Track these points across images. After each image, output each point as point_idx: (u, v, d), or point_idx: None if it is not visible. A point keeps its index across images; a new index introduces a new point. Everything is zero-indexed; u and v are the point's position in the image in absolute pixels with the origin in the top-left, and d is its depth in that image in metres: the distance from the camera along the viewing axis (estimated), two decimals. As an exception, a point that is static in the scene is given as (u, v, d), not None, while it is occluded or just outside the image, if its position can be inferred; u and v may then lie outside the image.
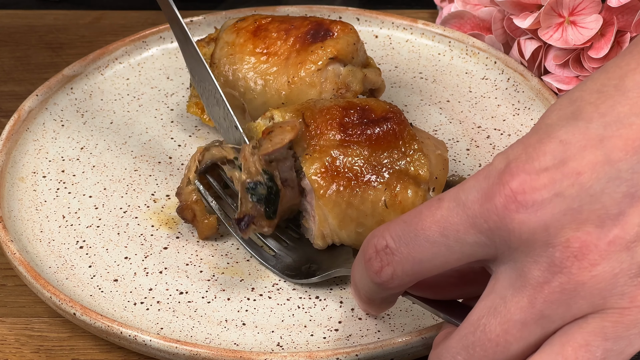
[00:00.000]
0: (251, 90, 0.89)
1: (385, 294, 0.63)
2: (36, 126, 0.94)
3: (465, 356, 0.57)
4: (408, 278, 0.60)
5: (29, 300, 0.82)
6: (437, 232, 0.57)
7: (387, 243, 0.60)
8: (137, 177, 0.90)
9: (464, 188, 0.58)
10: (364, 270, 0.62)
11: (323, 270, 0.78)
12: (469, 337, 0.57)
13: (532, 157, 0.56)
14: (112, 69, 1.02)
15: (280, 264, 0.80)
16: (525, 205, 0.55)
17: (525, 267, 0.56)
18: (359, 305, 0.67)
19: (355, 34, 0.90)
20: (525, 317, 0.55)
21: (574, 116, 0.56)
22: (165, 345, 0.71)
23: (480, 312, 0.57)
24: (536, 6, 0.97)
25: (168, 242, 0.84)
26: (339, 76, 0.88)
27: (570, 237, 0.54)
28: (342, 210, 0.77)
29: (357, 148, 0.78)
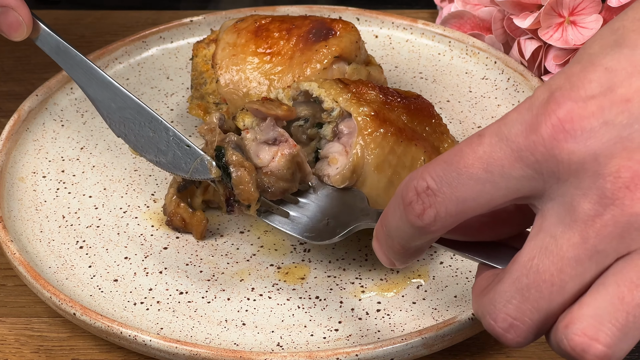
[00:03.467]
0: (255, 91, 0.89)
1: (424, 240, 0.60)
2: (36, 126, 0.94)
3: (520, 299, 0.55)
4: (451, 219, 0.57)
5: (29, 300, 0.81)
6: (480, 168, 0.55)
7: (429, 184, 0.57)
8: (137, 177, 0.90)
9: (505, 122, 0.55)
10: (403, 215, 0.58)
11: (342, 226, 0.75)
12: (522, 280, 0.55)
13: (577, 86, 0.54)
14: (112, 69, 1.02)
15: (298, 225, 0.77)
16: (573, 135, 0.53)
17: (575, 200, 0.54)
18: (383, 259, 0.63)
19: (356, 32, 0.90)
20: (578, 253, 0.54)
21: (617, 44, 0.55)
22: (165, 345, 0.71)
23: (531, 253, 0.55)
24: (536, 6, 0.97)
25: (168, 242, 0.84)
26: (344, 74, 0.88)
27: (621, 167, 0.53)
28: (384, 154, 0.77)
29: (398, 111, 0.79)
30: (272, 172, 0.76)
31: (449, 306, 0.77)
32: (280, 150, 0.77)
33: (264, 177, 0.76)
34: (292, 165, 0.77)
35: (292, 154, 0.76)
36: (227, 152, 0.76)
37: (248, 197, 0.76)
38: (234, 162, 0.75)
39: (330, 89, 0.80)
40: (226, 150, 0.76)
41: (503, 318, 0.56)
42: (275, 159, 0.76)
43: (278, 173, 0.76)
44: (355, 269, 0.81)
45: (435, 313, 0.77)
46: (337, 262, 0.82)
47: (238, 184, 0.75)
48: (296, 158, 0.77)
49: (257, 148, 0.77)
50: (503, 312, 0.56)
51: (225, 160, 0.76)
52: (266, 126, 0.77)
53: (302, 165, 0.77)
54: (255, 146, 0.77)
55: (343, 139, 0.79)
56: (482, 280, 0.60)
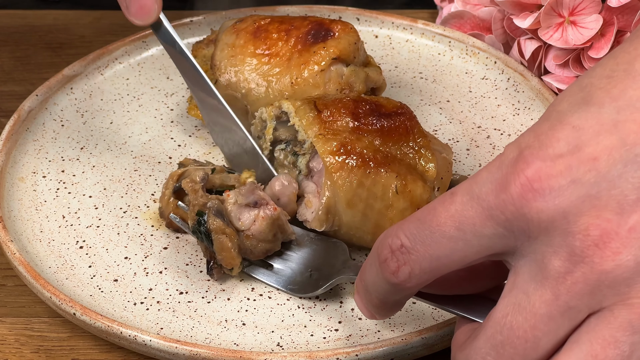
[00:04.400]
0: (254, 92, 0.89)
1: (399, 295, 0.62)
2: (36, 126, 0.94)
3: (495, 356, 0.56)
4: (426, 276, 0.58)
5: (29, 300, 0.81)
6: (452, 227, 0.56)
7: (402, 242, 0.58)
8: (137, 177, 0.90)
9: (476, 180, 0.56)
10: (379, 272, 0.60)
11: (325, 278, 0.77)
12: (497, 337, 0.56)
13: (545, 144, 0.55)
14: (112, 69, 1.02)
15: (282, 278, 0.79)
16: (542, 193, 0.54)
17: (546, 258, 0.54)
18: (364, 312, 0.65)
19: (355, 34, 0.90)
20: (551, 310, 0.54)
21: (585, 102, 0.55)
22: (165, 345, 0.71)
23: (505, 310, 0.56)
24: (536, 6, 0.97)
25: (168, 242, 0.84)
26: (342, 76, 0.88)
27: (590, 225, 0.53)
28: (353, 189, 0.77)
29: (369, 136, 0.79)
30: (253, 235, 0.78)
31: (448, 306, 0.77)
32: (261, 213, 0.78)
33: (245, 240, 0.78)
34: (273, 228, 0.78)
35: (272, 216, 0.78)
36: (208, 219, 0.77)
37: (230, 262, 0.77)
38: (215, 229, 0.77)
39: (303, 117, 0.80)
40: (208, 216, 0.77)
41: None
42: (256, 222, 0.77)
43: (259, 236, 0.78)
44: (355, 269, 0.81)
45: (435, 313, 0.76)
46: (337, 262, 0.82)
47: (220, 250, 0.77)
48: (277, 221, 0.78)
49: (239, 211, 0.78)
50: None
51: (207, 227, 0.77)
52: (247, 190, 0.78)
53: (283, 227, 0.79)
54: (237, 209, 0.78)
55: (315, 178, 0.80)
56: (461, 335, 0.61)
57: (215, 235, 0.77)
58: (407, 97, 0.99)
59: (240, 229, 0.78)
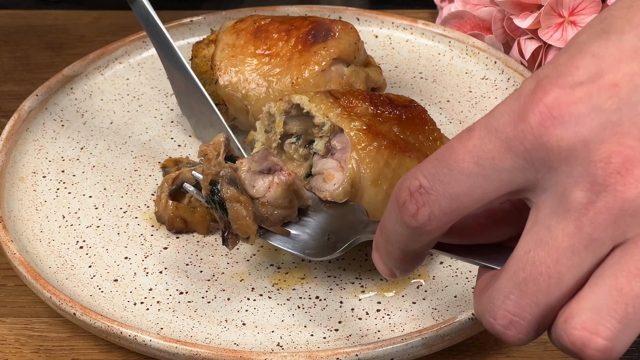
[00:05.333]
0: (254, 92, 0.89)
1: (421, 242, 0.58)
2: (36, 126, 0.94)
3: (518, 294, 0.54)
4: (446, 217, 0.56)
5: (29, 300, 0.82)
6: (471, 162, 0.54)
7: (421, 183, 0.56)
8: (137, 177, 0.90)
9: (494, 114, 0.55)
10: (398, 216, 0.57)
11: (342, 240, 0.74)
12: (519, 274, 0.54)
13: (564, 73, 0.53)
14: (112, 69, 1.02)
15: (299, 243, 0.77)
16: (561, 121, 0.52)
17: (567, 189, 0.53)
18: (383, 270, 0.62)
19: (355, 33, 0.90)
20: (574, 243, 0.53)
21: (604, 31, 0.54)
22: (165, 345, 0.71)
23: (527, 246, 0.54)
24: (536, 6, 0.97)
25: (168, 242, 0.84)
26: (343, 76, 0.88)
27: (612, 152, 0.52)
28: (379, 167, 0.76)
29: (388, 123, 0.79)
30: (269, 202, 0.76)
31: (449, 306, 0.77)
32: (275, 179, 0.76)
33: (261, 208, 0.76)
34: (288, 194, 0.76)
35: (287, 182, 0.76)
36: (222, 188, 0.75)
37: (246, 231, 0.75)
38: (229, 197, 0.75)
39: (320, 104, 0.79)
40: (221, 185, 0.75)
41: (502, 315, 0.55)
42: (271, 189, 0.76)
43: (275, 202, 0.76)
44: (355, 269, 0.81)
45: (435, 313, 0.77)
46: (337, 262, 0.82)
47: (235, 219, 0.75)
48: (292, 186, 0.76)
49: (252, 179, 0.76)
50: (502, 309, 0.55)
51: (221, 196, 0.75)
52: (260, 156, 0.76)
53: (299, 192, 0.77)
54: (250, 177, 0.76)
55: (337, 155, 0.79)
56: (482, 282, 0.59)
57: (230, 204, 0.75)
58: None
59: (255, 196, 0.75)
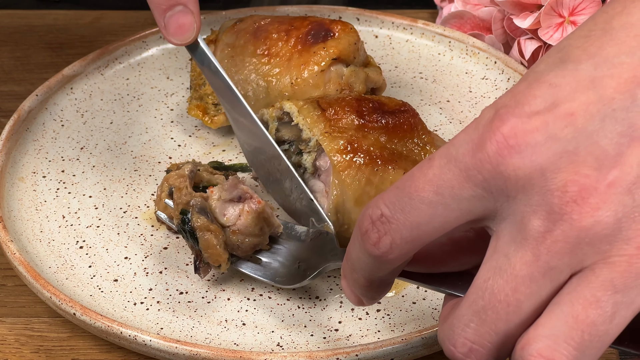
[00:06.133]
0: (254, 92, 0.89)
1: (385, 270, 0.59)
2: (36, 126, 0.94)
3: (477, 322, 0.54)
4: (408, 246, 0.57)
5: (29, 300, 0.81)
6: (431, 191, 0.55)
7: (382, 211, 0.56)
8: (137, 177, 0.90)
9: (453, 143, 0.55)
10: (361, 245, 0.58)
11: (312, 268, 0.76)
12: (479, 302, 0.54)
13: (521, 102, 0.54)
14: (112, 69, 1.02)
15: (269, 271, 0.78)
16: (518, 150, 0.53)
17: (525, 218, 0.53)
18: (351, 298, 0.63)
19: (355, 34, 0.90)
20: (531, 271, 0.53)
21: (562, 60, 0.55)
22: (165, 345, 0.71)
23: (486, 274, 0.55)
24: (536, 6, 0.97)
25: (168, 242, 0.84)
26: (342, 77, 0.88)
27: (568, 181, 0.52)
28: (361, 187, 0.77)
29: (374, 133, 0.79)
30: (239, 230, 0.77)
31: (448, 306, 0.77)
32: (246, 207, 0.77)
33: (232, 236, 0.77)
34: (259, 222, 0.77)
35: (257, 210, 0.77)
36: (192, 217, 0.76)
37: (217, 259, 0.76)
38: (200, 227, 0.76)
39: (307, 116, 0.80)
40: (191, 214, 0.76)
41: (462, 343, 0.55)
42: (241, 217, 0.77)
43: (246, 230, 0.77)
44: (355, 269, 0.81)
45: (435, 313, 0.77)
46: (337, 262, 0.82)
47: (206, 248, 0.76)
48: (262, 214, 0.77)
49: (223, 207, 0.77)
50: (462, 337, 0.55)
51: (191, 225, 0.76)
52: (230, 185, 0.77)
53: (269, 220, 0.78)
54: (221, 205, 0.77)
55: (322, 177, 0.80)
56: (446, 309, 0.60)
57: (200, 233, 0.76)
58: (407, 97, 0.99)
59: (225, 224, 0.77)
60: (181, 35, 0.81)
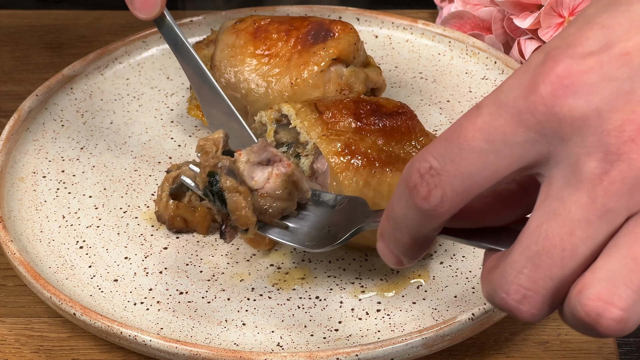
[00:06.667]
0: (253, 92, 0.89)
1: (432, 225, 0.57)
2: (36, 126, 0.94)
3: (531, 268, 0.53)
4: (458, 197, 0.55)
5: (29, 300, 0.82)
6: (482, 139, 0.54)
7: (431, 164, 0.55)
8: (137, 177, 0.90)
9: (502, 89, 0.54)
10: (409, 201, 0.56)
11: (344, 231, 0.72)
12: (532, 248, 0.53)
13: (573, 44, 0.53)
14: (112, 69, 1.02)
15: (298, 236, 0.75)
16: (573, 90, 0.52)
17: (580, 160, 0.52)
18: (390, 259, 0.61)
19: (355, 34, 0.90)
20: (587, 214, 0.52)
21: (612, 3, 0.54)
22: (165, 345, 0.71)
23: (539, 220, 0.53)
24: (536, 6, 0.97)
25: (168, 242, 0.84)
26: (342, 77, 0.88)
27: (625, 121, 0.51)
28: (359, 189, 0.77)
29: (372, 136, 0.79)
30: (268, 193, 0.74)
31: (449, 306, 0.77)
32: (274, 170, 0.75)
33: (260, 200, 0.74)
34: (288, 185, 0.74)
35: (287, 173, 0.74)
36: (220, 178, 0.74)
37: (246, 222, 0.74)
38: (229, 188, 0.73)
39: (305, 120, 0.80)
40: (220, 175, 0.74)
41: (515, 289, 0.54)
42: (270, 180, 0.74)
43: (274, 194, 0.74)
44: (355, 269, 0.81)
45: (435, 313, 0.77)
46: (337, 262, 0.82)
47: (234, 210, 0.73)
48: (292, 177, 0.74)
49: (251, 170, 0.75)
50: (515, 284, 0.54)
51: (220, 187, 0.74)
52: (258, 147, 0.75)
53: (298, 184, 0.75)
54: (249, 168, 0.75)
55: (320, 179, 0.80)
56: (490, 263, 0.58)
57: (229, 195, 0.73)
58: (407, 97, 0.99)
59: (254, 188, 0.74)
60: (146, 9, 0.83)
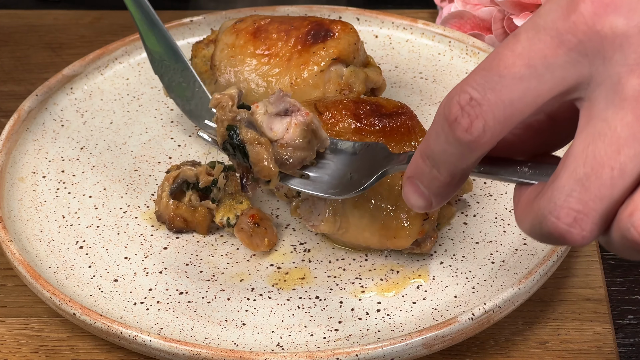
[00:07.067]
0: (253, 92, 0.89)
1: (472, 159, 0.57)
2: (36, 126, 0.94)
3: (580, 190, 0.52)
4: (500, 126, 0.55)
5: (29, 300, 0.82)
6: (522, 65, 0.54)
7: (471, 95, 0.55)
8: (137, 177, 0.90)
9: (539, 14, 0.54)
10: (449, 134, 0.56)
11: (368, 176, 0.72)
12: (580, 170, 0.52)
13: None
14: (112, 69, 1.02)
15: (320, 185, 0.74)
16: (614, 7, 0.52)
17: (623, 78, 0.52)
18: (418, 202, 0.61)
19: (355, 34, 0.90)
20: (634, 132, 0.51)
21: None
22: (165, 345, 0.71)
23: (584, 142, 0.53)
24: (536, 6, 0.97)
25: (168, 242, 0.84)
26: (342, 77, 0.88)
27: None
28: None
29: (371, 136, 0.79)
30: (287, 143, 0.74)
31: (449, 306, 0.77)
32: (293, 120, 0.74)
33: (280, 150, 0.74)
34: (307, 134, 0.74)
35: (305, 121, 0.74)
36: (240, 131, 0.74)
37: (268, 173, 0.74)
38: (250, 140, 0.73)
39: None
40: (239, 128, 0.74)
41: (566, 213, 0.53)
42: (289, 130, 0.74)
43: (294, 144, 0.74)
44: (355, 269, 0.81)
45: (435, 313, 0.77)
46: (337, 262, 0.82)
47: (257, 161, 0.73)
48: (311, 126, 0.74)
49: (269, 121, 0.74)
50: (565, 207, 0.53)
51: (240, 139, 0.74)
52: (275, 98, 0.74)
53: (317, 132, 0.74)
54: (267, 119, 0.74)
55: None
56: (527, 196, 0.58)
57: (250, 146, 0.73)
58: (407, 97, 0.99)
59: (273, 139, 0.74)
60: None
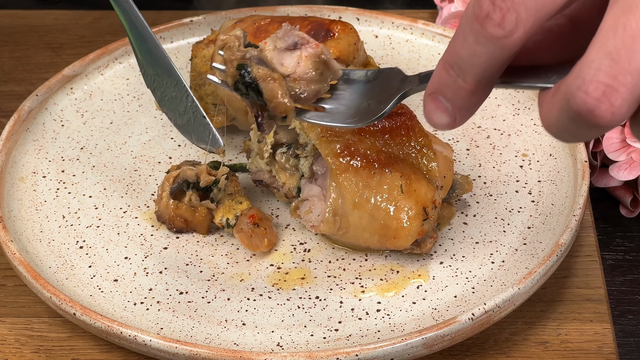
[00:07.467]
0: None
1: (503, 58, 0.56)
2: (36, 126, 0.94)
3: (609, 64, 0.51)
4: (532, 19, 0.54)
5: (29, 300, 0.82)
6: None
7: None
8: (137, 177, 0.90)
9: None
10: (479, 33, 0.55)
11: (386, 101, 0.70)
12: (610, 43, 0.52)
13: None
14: (112, 69, 1.02)
15: (337, 116, 0.72)
16: None
17: None
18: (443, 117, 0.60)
19: (355, 34, 0.90)
20: None
21: None
22: (165, 345, 0.71)
23: (614, 17, 0.52)
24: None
25: (168, 242, 0.84)
26: (341, 77, 0.88)
27: None
28: (359, 189, 0.77)
29: (371, 137, 0.79)
30: (300, 77, 0.72)
31: (449, 306, 0.77)
32: (303, 52, 0.72)
33: (293, 84, 0.72)
34: (319, 65, 0.72)
35: (316, 53, 0.72)
36: (252, 68, 0.72)
37: (285, 109, 0.72)
38: (262, 76, 0.72)
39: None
40: (250, 66, 0.72)
41: (595, 87, 0.52)
42: (300, 63, 0.72)
43: (306, 76, 0.72)
44: (355, 269, 0.81)
45: (435, 313, 0.77)
46: (337, 262, 0.82)
47: (272, 97, 0.72)
48: (322, 57, 0.72)
49: (280, 56, 0.72)
50: (594, 81, 0.52)
51: (253, 77, 0.72)
52: (284, 32, 0.73)
53: (329, 63, 0.73)
54: (277, 55, 0.72)
55: (319, 181, 0.80)
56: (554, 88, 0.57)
57: (264, 83, 0.71)
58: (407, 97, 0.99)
59: (285, 73, 0.72)
60: None
